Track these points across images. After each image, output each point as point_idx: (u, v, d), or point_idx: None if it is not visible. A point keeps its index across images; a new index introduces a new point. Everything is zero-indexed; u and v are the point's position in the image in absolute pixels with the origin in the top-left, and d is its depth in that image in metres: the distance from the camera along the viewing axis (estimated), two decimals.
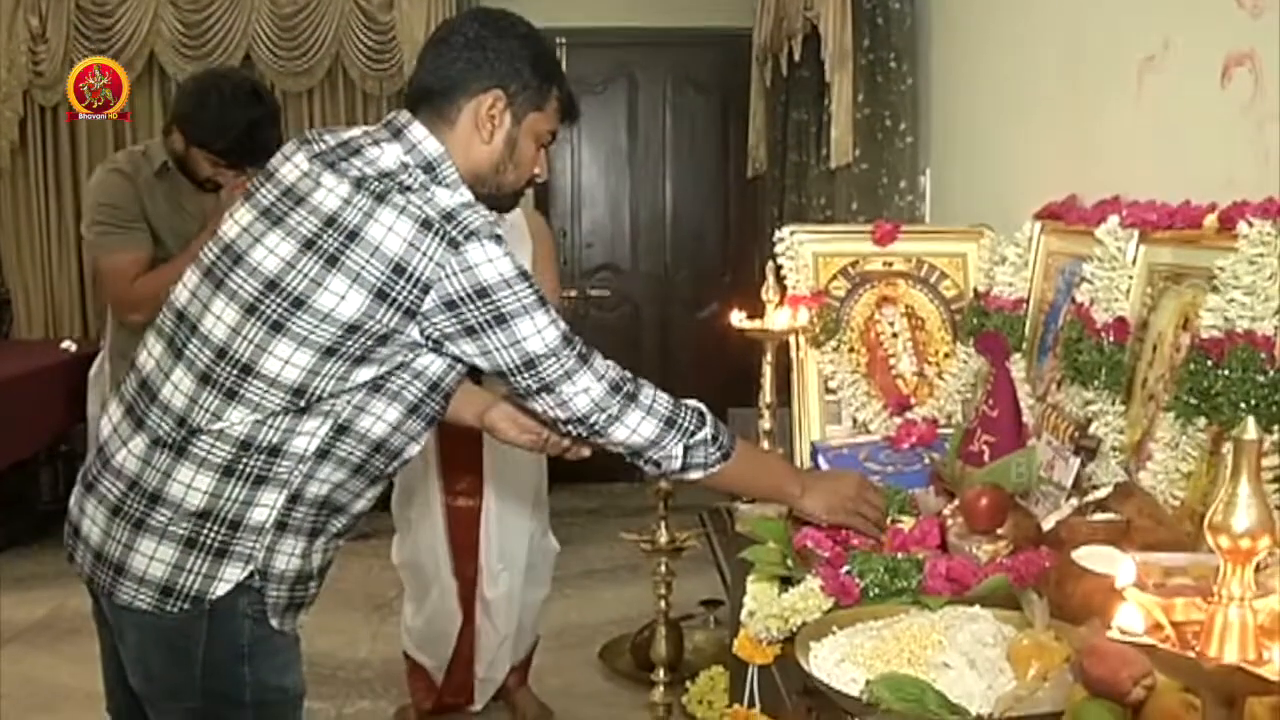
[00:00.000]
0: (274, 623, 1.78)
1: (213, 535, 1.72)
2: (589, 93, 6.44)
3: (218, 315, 1.72)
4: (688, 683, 3.43)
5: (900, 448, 2.34)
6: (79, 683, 2.13)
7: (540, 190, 6.08)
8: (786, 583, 1.79)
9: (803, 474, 2.07)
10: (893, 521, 1.96)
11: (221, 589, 1.73)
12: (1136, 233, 1.94)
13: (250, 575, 1.74)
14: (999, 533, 1.76)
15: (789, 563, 1.83)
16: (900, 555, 1.74)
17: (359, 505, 1.86)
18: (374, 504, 1.90)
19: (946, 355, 2.50)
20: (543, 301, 1.73)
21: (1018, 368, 2.25)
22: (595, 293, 6.50)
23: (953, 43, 3.24)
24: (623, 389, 1.78)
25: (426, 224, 1.66)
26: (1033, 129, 2.66)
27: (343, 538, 1.89)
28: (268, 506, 1.73)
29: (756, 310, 2.41)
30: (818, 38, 3.70)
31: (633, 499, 5.74)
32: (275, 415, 1.70)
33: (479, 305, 1.67)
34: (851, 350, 2.50)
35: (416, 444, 1.86)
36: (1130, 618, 0.97)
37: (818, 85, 3.97)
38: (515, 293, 1.69)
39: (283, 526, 1.76)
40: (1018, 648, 1.38)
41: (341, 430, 1.75)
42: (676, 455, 1.82)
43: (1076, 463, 1.91)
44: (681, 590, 2.95)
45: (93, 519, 1.78)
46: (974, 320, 2.37)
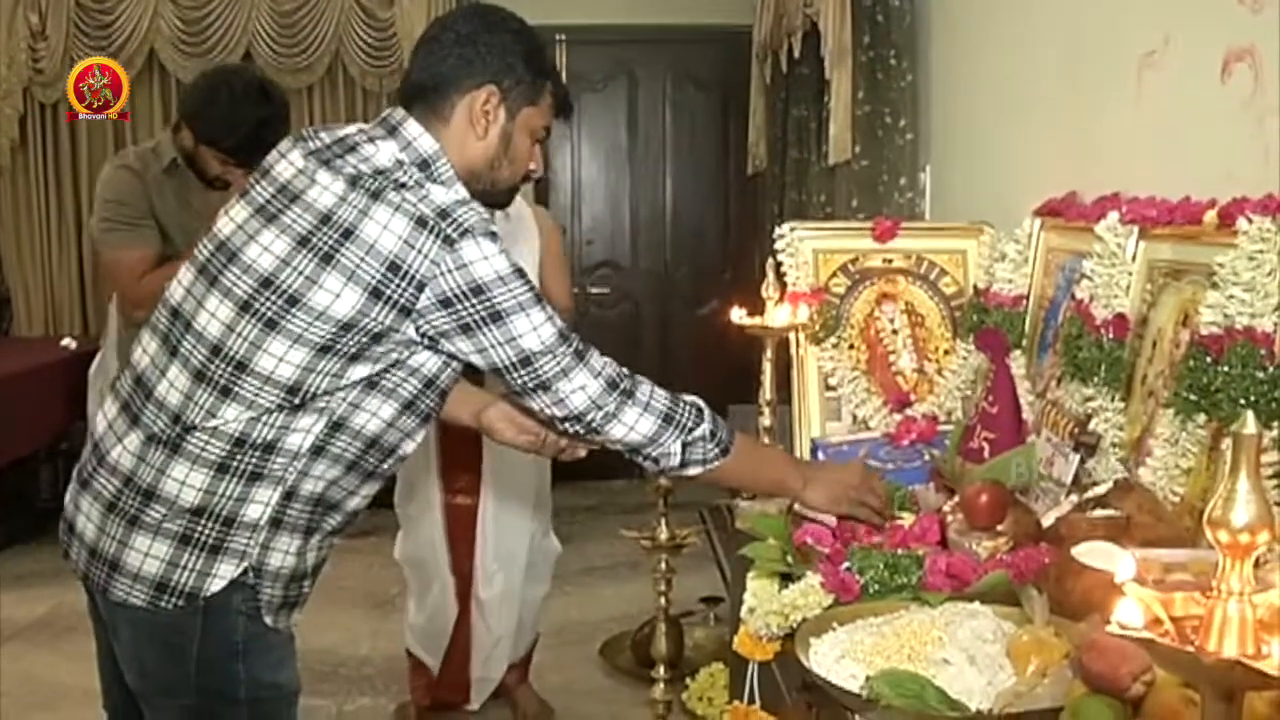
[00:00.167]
0: (268, 620, 1.78)
1: (207, 532, 1.72)
2: (589, 90, 6.45)
3: (212, 312, 1.72)
4: (688, 679, 3.44)
5: (900, 444, 2.34)
6: (78, 680, 2.13)
7: (540, 187, 6.09)
8: (786, 579, 1.79)
9: (804, 465, 2.06)
10: (894, 517, 1.96)
11: (216, 586, 1.73)
12: (1136, 229, 1.94)
13: (245, 572, 1.74)
14: (999, 529, 1.76)
15: (789, 559, 1.83)
16: (900, 551, 1.74)
17: (353, 502, 1.86)
18: (369, 502, 1.90)
19: (946, 352, 2.50)
20: (538, 299, 1.73)
21: (1017, 364, 2.25)
22: (595, 290, 6.50)
23: (952, 39, 3.24)
24: (620, 386, 1.78)
25: (421, 221, 1.66)
26: (1032, 125, 2.66)
27: (337, 535, 1.89)
28: (262, 503, 1.73)
29: (756, 307, 2.41)
30: (818, 35, 3.70)
31: (632, 496, 5.74)
32: (270, 412, 1.70)
33: (474, 302, 1.67)
34: (851, 347, 2.50)
35: (412, 440, 1.86)
36: (1129, 613, 0.97)
37: (818, 82, 3.97)
38: (510, 290, 1.69)
39: (277, 523, 1.75)
40: (1017, 644, 1.38)
41: (336, 427, 1.74)
42: (675, 452, 1.82)
43: (1076, 459, 1.91)
44: (681, 587, 2.95)
45: (88, 515, 1.79)
46: (974, 317, 2.37)
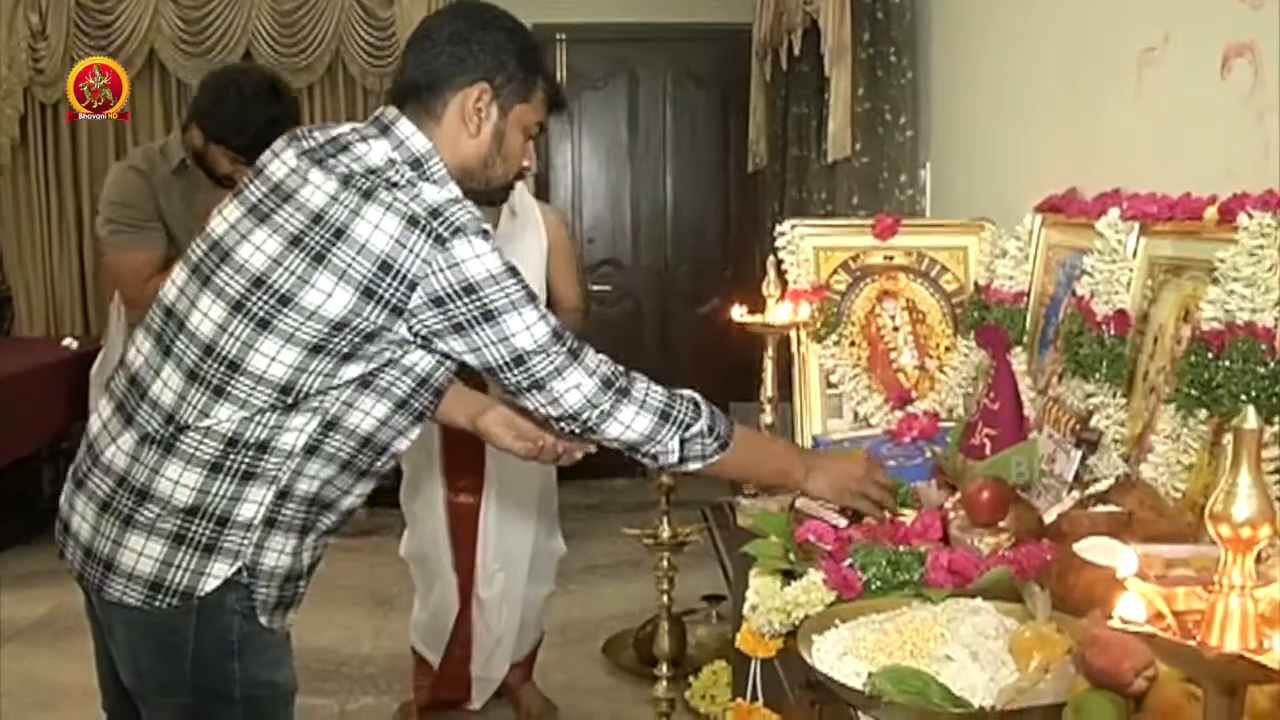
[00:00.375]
0: (263, 620, 1.78)
1: (201, 531, 1.72)
2: (590, 88, 6.45)
3: (205, 312, 1.72)
4: (690, 677, 3.43)
5: (901, 441, 2.34)
6: (79, 680, 2.14)
7: (541, 185, 6.09)
8: (789, 576, 1.79)
9: (806, 455, 2.04)
10: (896, 513, 1.96)
11: (210, 585, 1.73)
12: (1137, 225, 1.94)
13: (238, 571, 1.74)
14: (1001, 525, 1.76)
15: (791, 557, 1.83)
16: (902, 548, 1.74)
17: (348, 501, 1.86)
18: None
19: (947, 349, 2.50)
20: (531, 297, 1.72)
21: (1019, 361, 2.25)
22: (596, 288, 6.48)
23: (953, 36, 3.24)
24: (615, 384, 1.77)
25: (413, 221, 1.65)
26: (1033, 122, 2.66)
27: (332, 535, 1.89)
28: (256, 503, 1.73)
29: (757, 305, 2.41)
30: (818, 32, 3.70)
31: (634, 494, 5.74)
32: (263, 412, 1.70)
33: (466, 302, 1.67)
34: (852, 344, 2.50)
35: (405, 439, 1.85)
36: (1132, 608, 0.97)
37: (818, 80, 3.97)
38: (503, 288, 1.68)
39: (271, 523, 1.75)
40: (1020, 640, 1.38)
41: (330, 426, 1.74)
42: (673, 450, 1.81)
43: (1078, 455, 1.91)
44: (684, 585, 2.95)
45: (82, 515, 1.79)
46: (975, 314, 2.37)
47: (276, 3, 5.99)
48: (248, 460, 1.72)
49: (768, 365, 2.39)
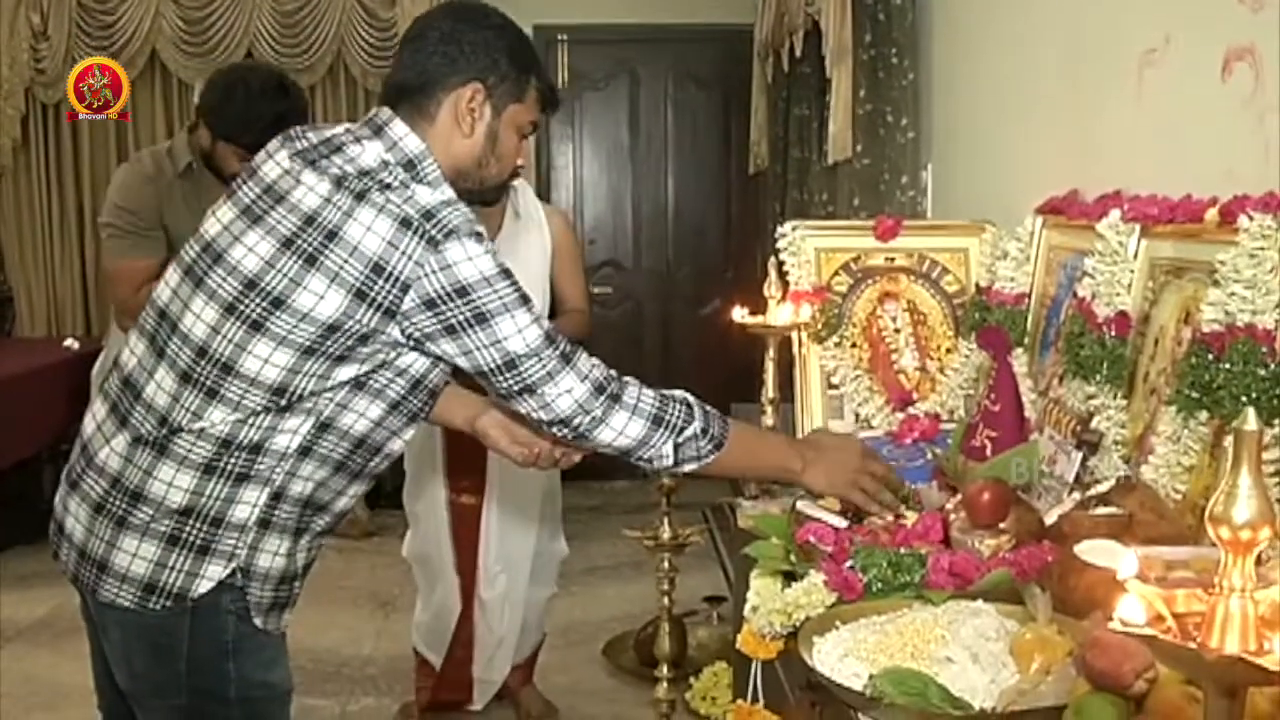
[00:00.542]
0: (257, 621, 1.78)
1: (195, 533, 1.72)
2: (591, 89, 6.46)
3: (197, 314, 1.71)
4: (691, 679, 3.44)
5: (902, 443, 2.34)
6: (79, 681, 2.13)
7: (541, 187, 6.09)
8: (789, 578, 1.79)
9: (803, 447, 1.99)
10: (898, 513, 1.96)
11: (204, 587, 1.73)
12: (1138, 227, 1.94)
13: (233, 573, 1.74)
14: (1001, 527, 1.76)
15: (792, 558, 1.83)
16: (903, 550, 1.74)
17: (342, 502, 1.85)
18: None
19: (948, 350, 2.50)
20: (524, 300, 1.71)
21: (1020, 362, 2.25)
22: (597, 289, 6.48)
23: (954, 38, 3.24)
24: (607, 390, 1.75)
25: (406, 222, 1.65)
26: (1034, 124, 2.66)
27: (326, 536, 1.89)
28: (249, 504, 1.73)
29: (759, 306, 2.41)
30: (819, 33, 3.71)
31: (635, 496, 5.74)
32: (256, 414, 1.70)
33: (459, 304, 1.66)
34: (854, 346, 2.50)
35: (399, 439, 1.85)
36: (1132, 610, 0.97)
37: (819, 81, 3.97)
38: (496, 291, 1.67)
39: (266, 525, 1.75)
40: (1020, 642, 1.38)
41: (323, 428, 1.74)
42: (667, 454, 1.80)
43: (1079, 457, 1.91)
44: (684, 587, 2.95)
45: (76, 516, 1.78)
46: (976, 315, 2.37)
47: (278, 3, 6.00)
48: (241, 462, 1.71)
49: (769, 367, 2.39)
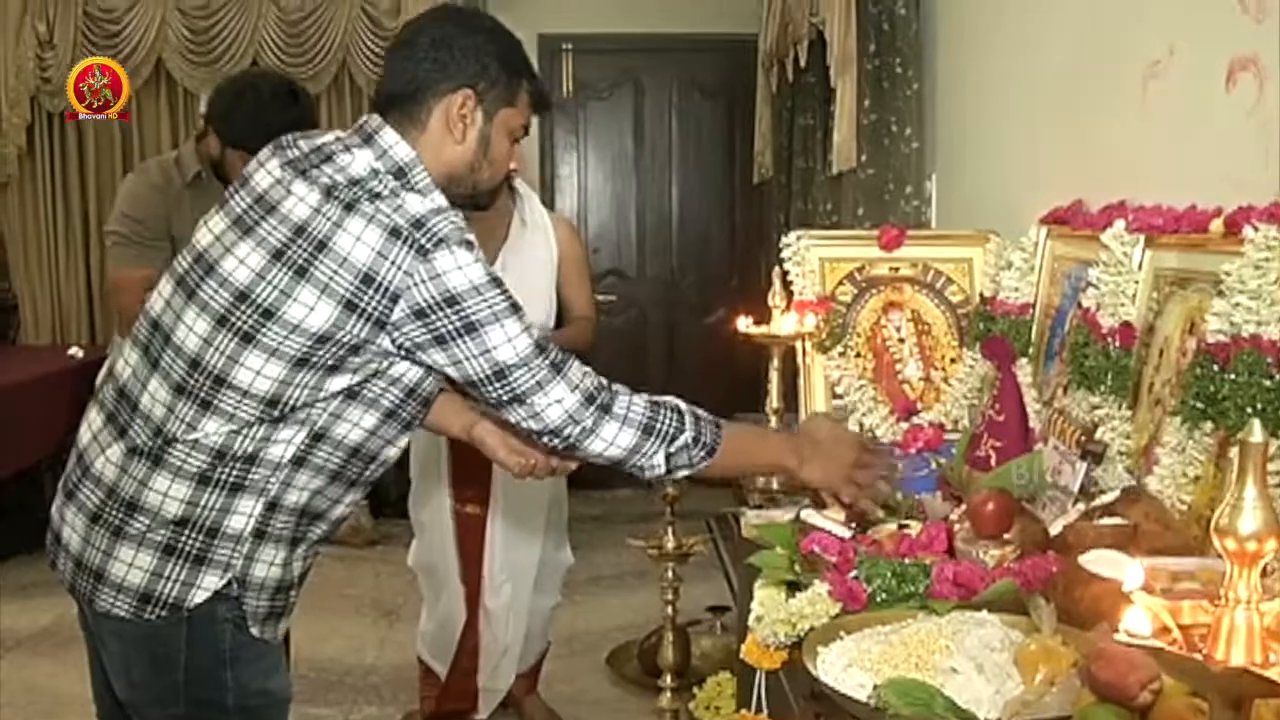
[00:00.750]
0: (254, 631, 1.78)
1: (191, 543, 1.72)
2: (595, 98, 6.47)
3: (190, 326, 1.71)
4: (695, 688, 3.43)
5: (907, 453, 2.34)
6: (80, 690, 2.13)
7: (545, 195, 6.10)
8: (794, 588, 1.79)
9: (800, 444, 1.94)
10: (901, 527, 1.95)
11: (199, 596, 1.73)
12: (1142, 237, 1.94)
13: (229, 584, 1.74)
14: (1006, 538, 1.76)
15: (796, 568, 1.83)
16: (907, 560, 1.74)
17: (338, 511, 1.85)
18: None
19: (953, 360, 2.50)
20: (515, 309, 1.69)
21: (1024, 372, 2.25)
22: (601, 298, 6.49)
23: (958, 48, 3.25)
24: (597, 400, 1.73)
25: (395, 232, 1.64)
26: (1038, 134, 2.66)
27: (322, 545, 1.88)
28: (245, 514, 1.73)
29: (763, 316, 2.42)
30: (823, 43, 3.71)
31: (639, 505, 5.74)
32: (250, 425, 1.70)
33: (448, 313, 1.65)
34: (858, 355, 2.50)
35: (394, 447, 1.84)
36: (1137, 621, 0.97)
37: (824, 91, 3.97)
38: (485, 300, 1.66)
39: (261, 535, 1.75)
40: (1025, 652, 1.38)
41: (318, 437, 1.74)
42: (659, 464, 1.79)
43: (1083, 467, 1.91)
44: (688, 596, 2.95)
45: (73, 526, 1.78)
46: (980, 325, 2.37)
47: (284, 12, 6.01)
48: (236, 472, 1.71)
49: (773, 376, 2.39)
